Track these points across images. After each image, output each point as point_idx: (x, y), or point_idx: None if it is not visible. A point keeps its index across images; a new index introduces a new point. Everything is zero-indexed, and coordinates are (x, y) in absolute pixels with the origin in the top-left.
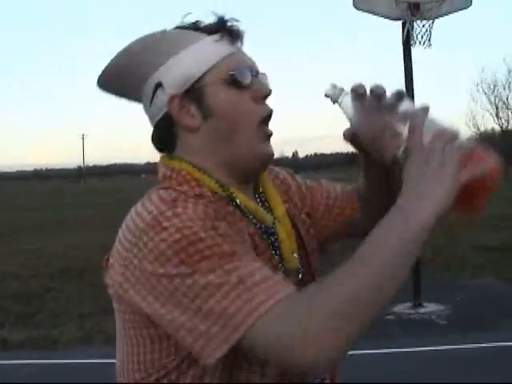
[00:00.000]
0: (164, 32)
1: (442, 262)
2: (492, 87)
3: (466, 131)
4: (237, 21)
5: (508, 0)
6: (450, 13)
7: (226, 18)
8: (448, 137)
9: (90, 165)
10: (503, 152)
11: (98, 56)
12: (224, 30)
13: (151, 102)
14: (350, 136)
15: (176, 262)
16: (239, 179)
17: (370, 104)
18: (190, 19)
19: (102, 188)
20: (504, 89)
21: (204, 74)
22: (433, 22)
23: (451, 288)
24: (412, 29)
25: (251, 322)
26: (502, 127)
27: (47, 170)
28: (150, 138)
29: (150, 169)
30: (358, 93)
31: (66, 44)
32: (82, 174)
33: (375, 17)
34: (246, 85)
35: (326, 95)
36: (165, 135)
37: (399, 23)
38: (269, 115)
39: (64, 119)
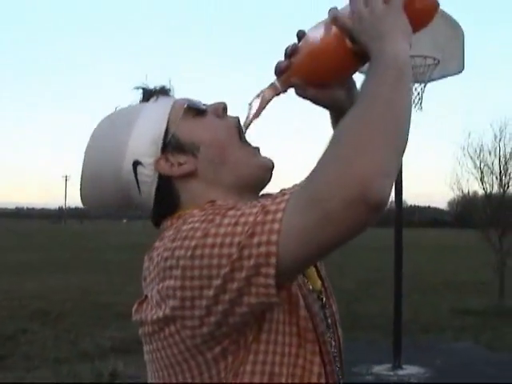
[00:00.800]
0: (114, 113)
1: (423, 325)
2: (478, 152)
3: (450, 193)
4: (163, 85)
5: (497, 67)
6: (442, 77)
7: (150, 87)
8: None
9: (72, 206)
10: (487, 216)
11: (86, 97)
12: (155, 92)
13: (138, 186)
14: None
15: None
16: (252, 195)
17: None
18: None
19: (82, 230)
20: (490, 154)
21: (167, 127)
22: (425, 86)
23: (431, 351)
24: None
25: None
26: (485, 192)
27: (28, 208)
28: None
29: (131, 214)
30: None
31: (54, 81)
32: (63, 215)
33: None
34: (203, 109)
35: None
36: (168, 200)
37: None
38: (238, 124)
39: (48, 159)
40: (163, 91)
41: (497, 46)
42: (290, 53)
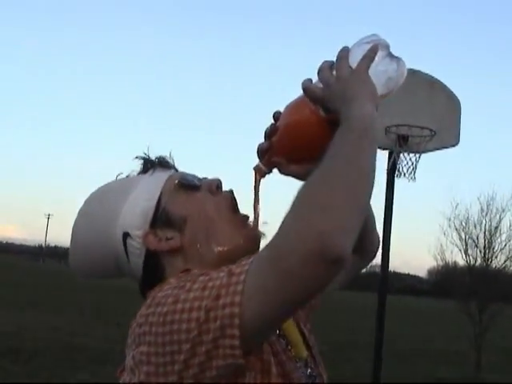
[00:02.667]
0: (110, 183)
1: None
2: (464, 224)
3: (433, 263)
4: (163, 157)
5: (489, 141)
6: (437, 149)
7: (152, 157)
8: (324, 64)
9: (52, 245)
10: (468, 288)
11: (75, 142)
12: (154, 164)
13: (127, 256)
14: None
15: None
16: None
17: None
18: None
19: (60, 270)
20: (475, 227)
21: (158, 201)
22: (419, 157)
23: None
24: (398, 160)
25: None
26: (469, 264)
27: (7, 243)
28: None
29: None
30: None
31: (53, 125)
32: (42, 253)
33: None
34: (196, 185)
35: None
36: (154, 273)
37: (386, 152)
38: (232, 200)
39: (32, 195)
40: (162, 163)
41: (487, 121)
42: (270, 133)
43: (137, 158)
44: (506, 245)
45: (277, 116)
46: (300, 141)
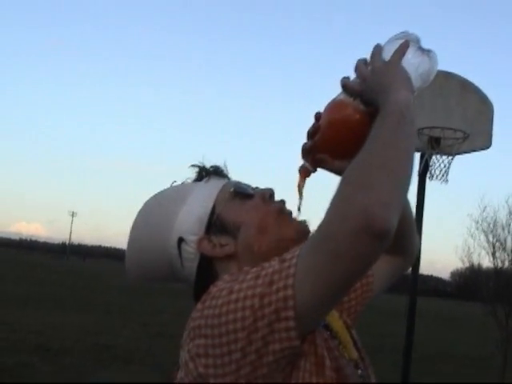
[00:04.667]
0: (166, 190)
1: None
2: (491, 226)
3: (456, 265)
4: (218, 166)
5: None
6: (469, 151)
7: (207, 166)
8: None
9: (75, 243)
10: (495, 291)
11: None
12: (209, 173)
13: (181, 260)
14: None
15: None
16: None
17: None
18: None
19: (84, 268)
20: (503, 230)
21: (213, 208)
22: (452, 159)
23: None
24: (430, 162)
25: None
26: (496, 267)
27: (31, 241)
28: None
29: None
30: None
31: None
32: (66, 250)
33: None
34: (250, 193)
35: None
36: (207, 278)
37: (418, 154)
38: (282, 207)
39: (56, 193)
40: (216, 172)
41: None
42: (312, 133)
43: (193, 166)
44: None
45: (318, 116)
46: (343, 135)
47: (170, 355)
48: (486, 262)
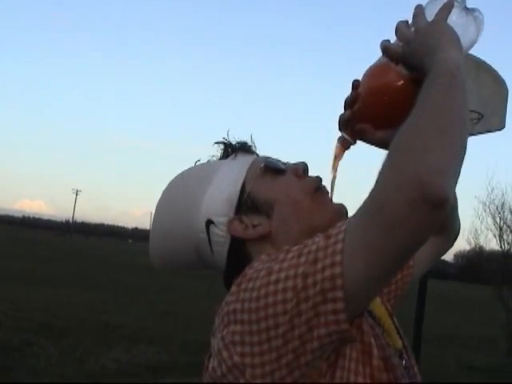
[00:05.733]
0: (190, 169)
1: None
2: (499, 209)
3: (461, 247)
4: (245, 142)
5: None
6: (484, 132)
7: (232, 141)
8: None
9: (78, 221)
10: (502, 274)
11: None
12: (235, 149)
13: (210, 245)
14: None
15: None
16: None
17: None
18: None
19: (87, 246)
20: (511, 212)
21: (243, 186)
22: None
23: None
24: None
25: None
26: (503, 250)
27: (35, 218)
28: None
29: (136, 234)
30: None
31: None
32: (69, 228)
33: None
34: (281, 169)
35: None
36: (240, 262)
37: None
38: (317, 184)
39: (60, 170)
40: (243, 148)
41: None
42: (351, 102)
43: (217, 143)
44: None
45: (356, 83)
46: (385, 103)
47: (177, 335)
48: (493, 245)
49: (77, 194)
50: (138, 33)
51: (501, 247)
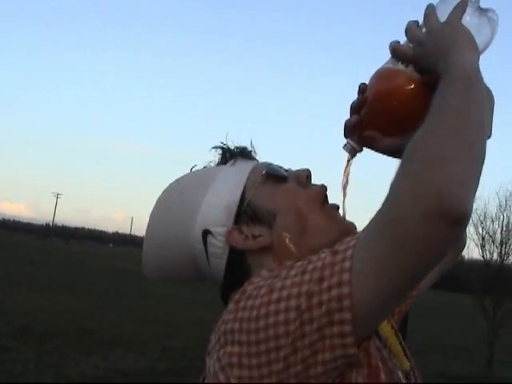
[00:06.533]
0: (186, 176)
1: None
2: (481, 219)
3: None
4: (245, 147)
5: (509, 138)
6: None
7: (231, 147)
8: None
9: (59, 224)
10: (483, 283)
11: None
12: (235, 154)
13: (207, 257)
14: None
15: None
16: None
17: None
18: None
19: (67, 250)
20: (493, 222)
21: (243, 193)
22: None
23: None
24: None
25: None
26: (485, 259)
27: (14, 221)
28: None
29: (117, 239)
30: None
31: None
32: (49, 232)
33: None
34: (283, 175)
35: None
36: (238, 275)
37: None
38: (323, 194)
39: (40, 172)
40: (243, 153)
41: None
42: (358, 107)
43: (215, 148)
44: None
45: (363, 87)
46: (395, 108)
47: (155, 340)
48: (476, 254)
49: (57, 198)
50: (125, 33)
51: (483, 257)
